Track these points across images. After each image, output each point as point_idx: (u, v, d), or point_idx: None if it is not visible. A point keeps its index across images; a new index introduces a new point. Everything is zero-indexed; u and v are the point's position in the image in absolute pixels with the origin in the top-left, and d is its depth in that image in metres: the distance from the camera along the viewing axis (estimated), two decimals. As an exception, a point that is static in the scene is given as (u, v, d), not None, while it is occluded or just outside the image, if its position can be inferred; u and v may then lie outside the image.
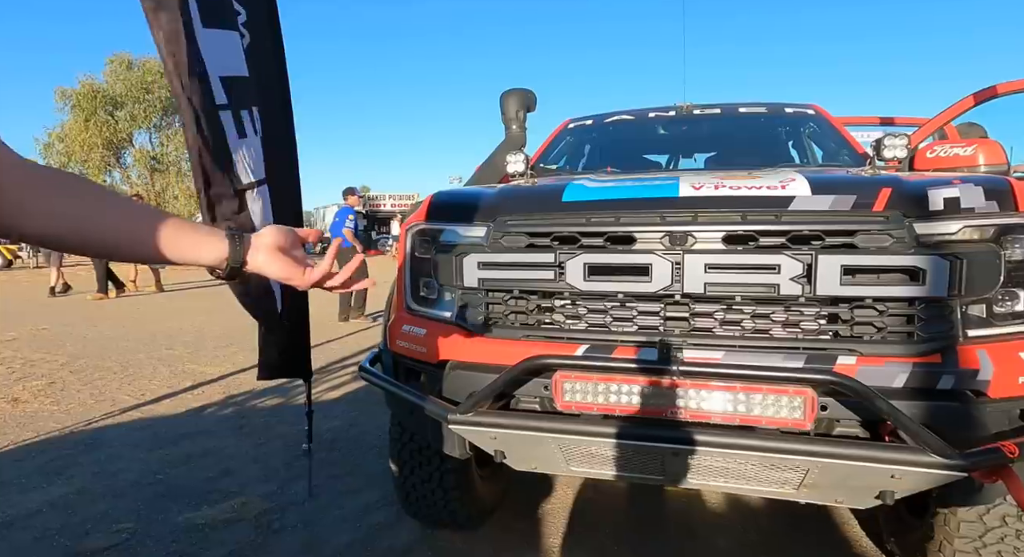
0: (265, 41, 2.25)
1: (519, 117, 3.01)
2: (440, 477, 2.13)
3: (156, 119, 22.13)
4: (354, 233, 7.69)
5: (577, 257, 1.56)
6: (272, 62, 2.31)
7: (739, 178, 1.66)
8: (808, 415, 1.31)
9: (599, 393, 1.45)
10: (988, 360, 1.34)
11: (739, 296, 1.47)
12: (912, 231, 1.40)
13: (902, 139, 2.40)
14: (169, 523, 2.43)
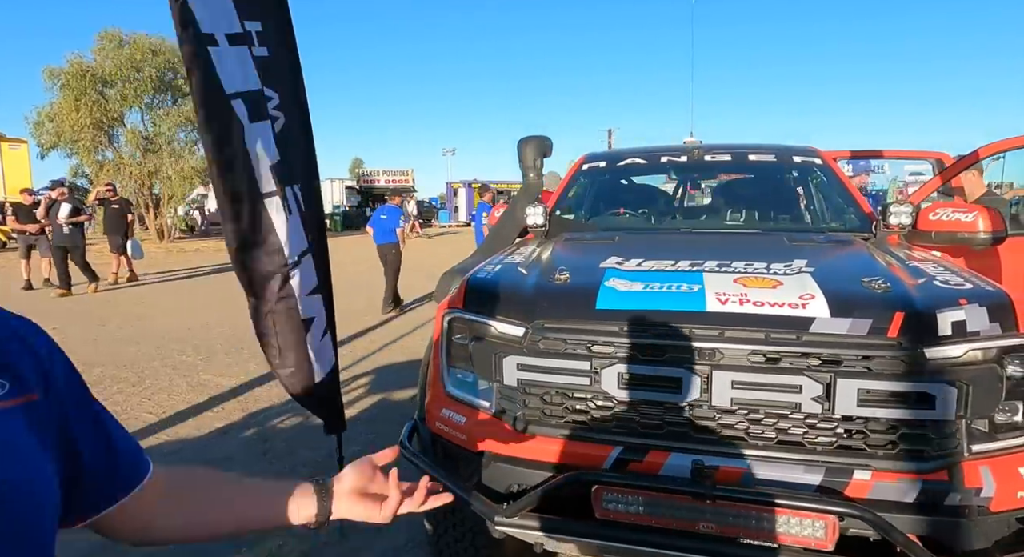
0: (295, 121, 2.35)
1: (536, 166, 3.10)
2: (472, 537, 2.28)
3: (148, 98, 21.77)
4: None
5: (612, 366, 1.68)
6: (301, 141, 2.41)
7: (760, 286, 1.77)
8: (830, 537, 1.46)
9: (635, 505, 1.59)
10: (991, 477, 1.48)
11: (763, 410, 1.60)
12: (923, 356, 1.53)
13: (907, 208, 2.52)
14: (212, 569, 2.59)
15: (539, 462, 1.77)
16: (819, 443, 1.58)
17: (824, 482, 1.52)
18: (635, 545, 1.58)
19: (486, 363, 1.87)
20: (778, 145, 3.39)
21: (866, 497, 1.50)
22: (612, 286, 1.86)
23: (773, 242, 2.43)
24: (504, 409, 1.85)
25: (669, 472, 1.63)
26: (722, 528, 1.54)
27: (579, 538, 1.64)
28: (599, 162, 3.51)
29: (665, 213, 3.55)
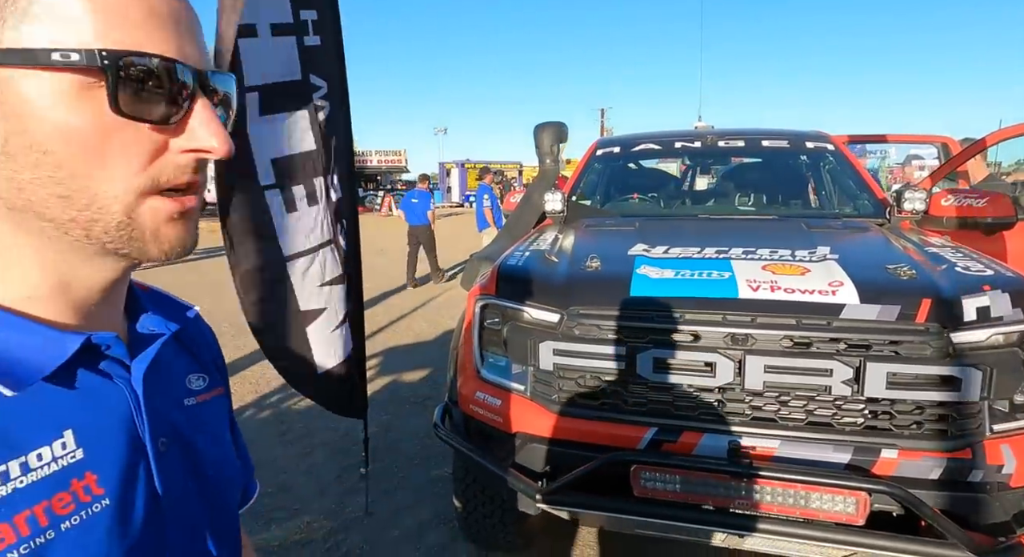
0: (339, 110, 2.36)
1: (553, 151, 3.13)
2: (501, 513, 2.37)
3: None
4: None
5: (647, 351, 1.75)
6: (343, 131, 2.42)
7: (788, 273, 1.83)
8: (861, 512, 1.54)
9: (672, 483, 1.67)
10: (1011, 455, 1.57)
11: (794, 393, 1.68)
12: (949, 340, 1.60)
13: (921, 193, 2.58)
14: (244, 546, 2.66)
15: (574, 443, 1.84)
16: (848, 424, 1.66)
17: (853, 461, 1.61)
18: (674, 521, 1.66)
19: (521, 348, 1.93)
20: (790, 130, 3.43)
21: (892, 474, 1.59)
22: (644, 274, 1.91)
23: (792, 228, 2.49)
24: (539, 392, 1.91)
25: (702, 452, 1.71)
26: (757, 505, 1.62)
27: (619, 515, 1.72)
28: (613, 147, 3.55)
29: (682, 199, 3.60)
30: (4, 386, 0.41)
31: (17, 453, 0.40)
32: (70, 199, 0.41)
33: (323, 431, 3.85)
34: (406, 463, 3.45)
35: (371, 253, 9.82)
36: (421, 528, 2.80)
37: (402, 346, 5.85)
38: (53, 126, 0.40)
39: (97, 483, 0.44)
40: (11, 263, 0.43)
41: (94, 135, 0.41)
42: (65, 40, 0.39)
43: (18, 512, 0.39)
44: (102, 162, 0.41)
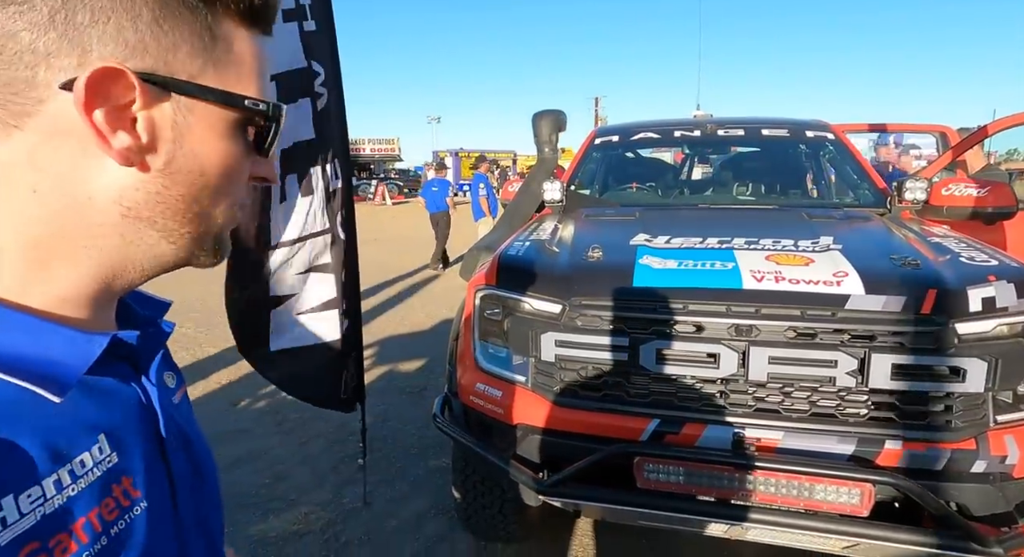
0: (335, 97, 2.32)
1: (552, 140, 3.09)
2: (501, 504, 2.36)
3: None
4: None
5: (650, 342, 1.73)
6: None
7: (792, 263, 1.82)
8: (865, 503, 1.54)
9: (676, 475, 1.66)
10: (1015, 445, 1.57)
11: (798, 384, 1.66)
12: (954, 331, 1.59)
13: (922, 183, 2.57)
14: (242, 536, 2.65)
15: (576, 434, 1.82)
16: (852, 415, 1.65)
17: (857, 452, 1.60)
18: (677, 513, 1.66)
19: (522, 339, 1.91)
20: (790, 119, 3.41)
21: (896, 465, 1.58)
22: (647, 264, 1.89)
23: (794, 218, 2.47)
24: (541, 383, 1.89)
25: (706, 444, 1.70)
26: (761, 496, 1.61)
27: (622, 507, 1.71)
28: (611, 136, 3.51)
29: (681, 188, 3.57)
30: (50, 392, 0.40)
31: (65, 460, 0.40)
32: (199, 215, 0.48)
33: (320, 421, 3.83)
34: (403, 453, 3.44)
35: (366, 242, 9.78)
36: (419, 519, 2.79)
37: (398, 336, 5.82)
38: (218, 155, 0.47)
39: (133, 486, 0.45)
40: (67, 267, 0.44)
41: (239, 165, 0.49)
42: (246, 88, 0.47)
43: (76, 520, 0.39)
44: (233, 186, 0.50)
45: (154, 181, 0.44)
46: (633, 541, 2.62)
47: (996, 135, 3.73)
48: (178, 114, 0.44)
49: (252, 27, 0.48)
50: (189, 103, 0.44)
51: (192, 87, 0.44)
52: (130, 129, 0.42)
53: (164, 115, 0.43)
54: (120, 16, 0.40)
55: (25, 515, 0.36)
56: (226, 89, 0.46)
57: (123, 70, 0.40)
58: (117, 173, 0.43)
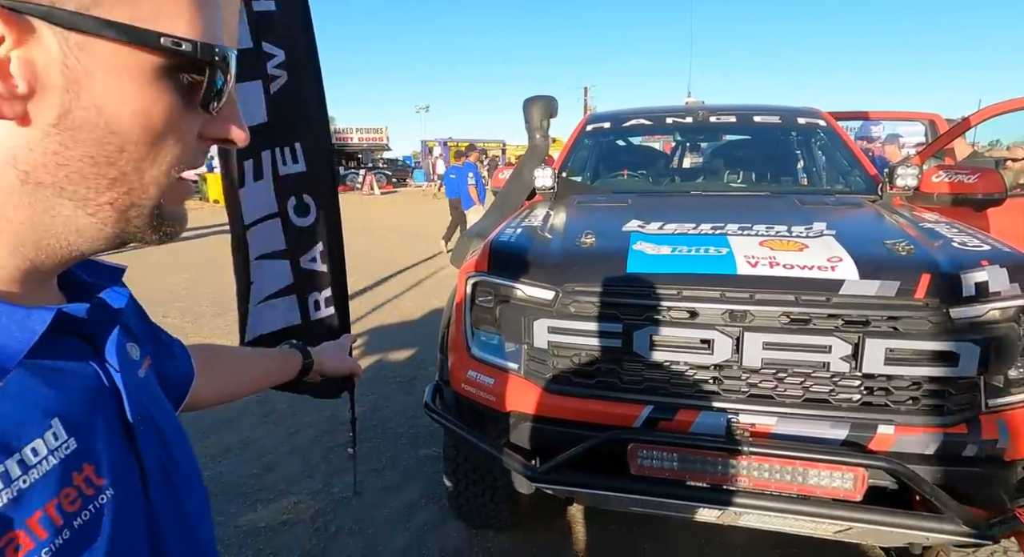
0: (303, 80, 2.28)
1: (543, 126, 3.06)
2: (492, 492, 2.35)
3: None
4: None
5: (644, 329, 1.71)
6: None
7: (786, 249, 1.81)
8: (859, 488, 1.54)
9: (670, 461, 1.65)
10: (1006, 429, 1.57)
11: (792, 370, 1.66)
12: (948, 316, 1.59)
13: (913, 169, 2.57)
14: (232, 526, 2.62)
15: (569, 421, 1.81)
16: (845, 400, 1.65)
17: (850, 437, 1.60)
18: (672, 499, 1.65)
19: (514, 326, 1.88)
20: (782, 106, 3.40)
21: (889, 450, 1.58)
22: (640, 250, 1.87)
23: (786, 204, 2.46)
24: (533, 370, 1.88)
25: (699, 430, 1.69)
26: (755, 481, 1.61)
27: (617, 493, 1.70)
28: (603, 123, 3.48)
29: (673, 175, 3.56)
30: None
31: (12, 450, 0.36)
32: (117, 181, 0.40)
33: (309, 411, 3.80)
34: (394, 443, 3.42)
35: (354, 232, 9.68)
36: (410, 508, 2.78)
37: (388, 326, 5.79)
38: (132, 109, 0.38)
39: (96, 473, 0.41)
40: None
41: (166, 123, 0.40)
42: (172, 27, 0.38)
43: (30, 514, 0.36)
44: (161, 148, 0.41)
45: (49, 139, 0.37)
46: (624, 528, 2.62)
47: (979, 125, 3.75)
48: (69, 56, 0.36)
49: None
50: (82, 41, 0.36)
51: (83, 20, 0.35)
52: (3, 74, 0.35)
53: (49, 57, 0.35)
54: None
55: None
56: (134, 23, 0.36)
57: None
58: (1, 130, 0.37)
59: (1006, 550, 1.92)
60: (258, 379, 0.98)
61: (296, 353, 1.06)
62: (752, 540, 2.53)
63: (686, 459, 1.66)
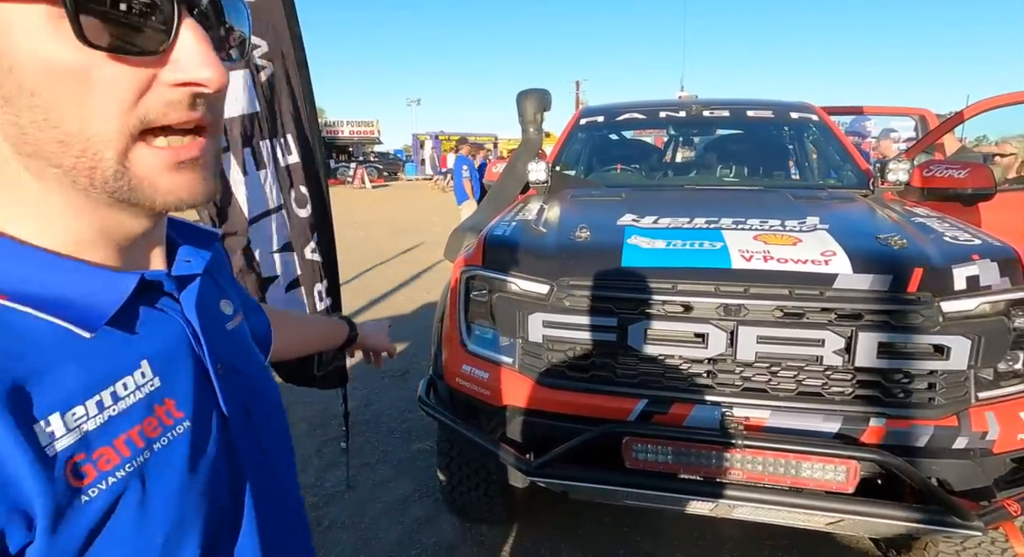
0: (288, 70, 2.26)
1: (537, 120, 3.05)
2: (486, 486, 2.35)
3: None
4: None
5: (639, 322, 1.72)
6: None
7: (780, 243, 1.81)
8: (851, 480, 1.55)
9: (664, 454, 1.65)
10: (995, 422, 1.59)
11: (786, 363, 1.67)
12: (939, 309, 1.60)
13: (905, 164, 2.59)
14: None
15: (564, 415, 1.81)
16: (838, 393, 1.66)
17: (842, 430, 1.61)
18: (666, 492, 1.66)
19: (509, 320, 1.88)
20: (774, 101, 3.41)
21: (881, 442, 1.60)
22: (635, 244, 1.88)
23: (779, 199, 2.47)
24: (528, 364, 1.88)
25: (693, 423, 1.70)
26: (748, 474, 1.62)
27: (611, 487, 1.70)
28: (596, 117, 3.48)
29: (666, 170, 3.56)
30: (81, 328, 0.43)
31: (106, 384, 0.43)
32: (66, 144, 0.40)
33: (301, 406, 3.78)
34: (387, 437, 3.42)
35: (343, 226, 9.64)
36: (404, 502, 2.78)
37: (380, 320, 5.76)
38: (38, 64, 0.37)
39: (176, 407, 0.48)
40: (50, 212, 0.43)
41: (75, 72, 0.38)
42: None
43: (116, 436, 0.43)
44: (86, 101, 0.39)
45: (5, 113, 0.39)
46: (617, 521, 2.64)
47: (968, 120, 3.78)
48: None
49: None
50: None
51: None
52: None
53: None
54: None
55: (71, 430, 0.40)
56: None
57: None
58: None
59: (994, 540, 1.94)
60: (313, 341, 1.08)
61: (344, 324, 1.15)
62: (745, 532, 2.55)
63: (680, 452, 1.66)
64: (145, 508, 0.44)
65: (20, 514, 0.37)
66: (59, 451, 0.40)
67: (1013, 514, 1.50)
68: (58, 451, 0.40)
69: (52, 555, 0.38)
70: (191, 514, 0.47)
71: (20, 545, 0.37)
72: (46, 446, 0.39)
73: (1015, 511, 1.50)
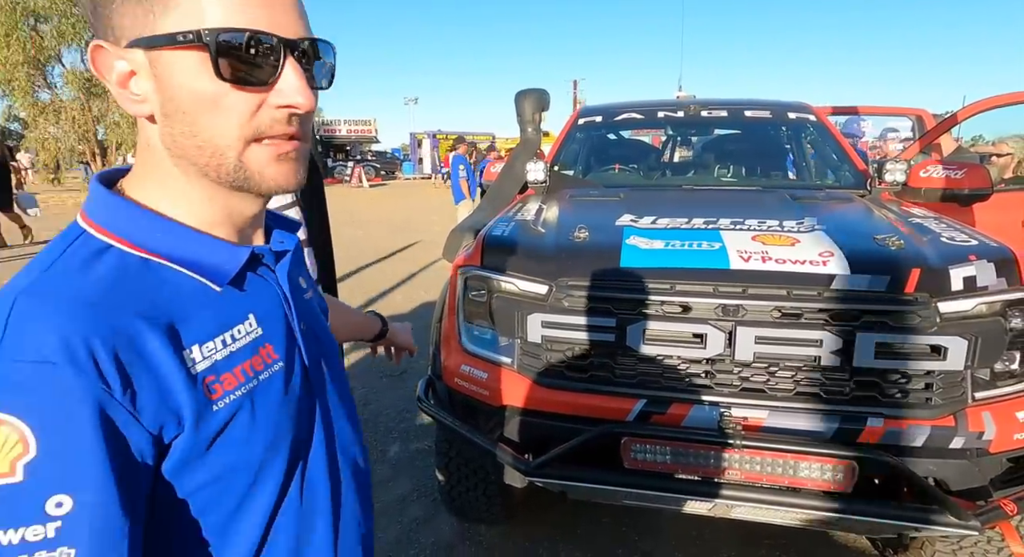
0: None
1: (535, 120, 3.05)
2: (484, 486, 2.35)
3: (88, 35, 20.35)
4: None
5: (637, 323, 1.72)
6: None
7: (778, 244, 1.82)
8: (849, 481, 1.56)
9: (663, 454, 1.66)
10: (992, 422, 1.60)
11: (784, 364, 1.67)
12: (936, 310, 1.61)
13: (902, 165, 2.60)
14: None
15: (563, 415, 1.82)
16: (835, 393, 1.66)
17: (840, 430, 1.62)
18: (664, 492, 1.67)
19: (508, 320, 1.88)
20: (772, 101, 3.41)
21: (878, 442, 1.61)
22: (634, 244, 1.88)
23: (777, 199, 2.47)
24: (527, 365, 1.88)
25: (691, 424, 1.70)
26: (746, 474, 1.63)
27: (610, 487, 1.71)
28: (595, 116, 3.48)
29: (664, 170, 3.57)
30: (214, 283, 0.59)
31: (228, 327, 0.59)
32: (202, 148, 0.56)
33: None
34: (385, 436, 3.42)
35: (341, 224, 9.63)
36: (402, 501, 2.78)
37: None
38: (188, 92, 0.54)
39: (273, 351, 0.63)
40: (190, 198, 0.60)
41: (211, 98, 0.54)
42: (189, 25, 0.52)
43: (235, 366, 0.58)
44: (217, 118, 0.55)
45: (165, 125, 0.56)
46: (616, 520, 2.64)
47: (964, 121, 3.79)
48: (154, 67, 0.54)
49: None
50: (152, 55, 0.53)
51: (144, 40, 0.53)
52: (130, 88, 0.56)
53: (144, 71, 0.55)
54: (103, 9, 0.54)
55: (205, 358, 0.56)
56: (172, 31, 0.52)
57: (99, 45, 0.54)
58: (151, 125, 0.57)
59: (990, 539, 1.95)
60: (352, 328, 1.22)
61: (377, 319, 1.28)
62: (743, 532, 2.56)
63: (679, 452, 1.67)
64: (253, 421, 0.59)
65: (175, 414, 0.53)
66: (198, 372, 0.55)
67: (1009, 513, 1.51)
68: (198, 372, 0.55)
69: (193, 446, 0.54)
70: (282, 435, 0.62)
71: (172, 436, 0.53)
72: (191, 368, 0.54)
73: (1011, 510, 1.51)
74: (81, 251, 0.55)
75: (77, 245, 0.56)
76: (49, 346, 0.47)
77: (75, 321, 0.49)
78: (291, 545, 0.64)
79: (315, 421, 0.68)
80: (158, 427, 0.52)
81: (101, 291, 0.52)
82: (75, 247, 0.55)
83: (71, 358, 0.47)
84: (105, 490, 0.47)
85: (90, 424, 0.47)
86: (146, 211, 0.58)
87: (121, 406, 0.49)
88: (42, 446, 0.45)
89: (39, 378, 0.46)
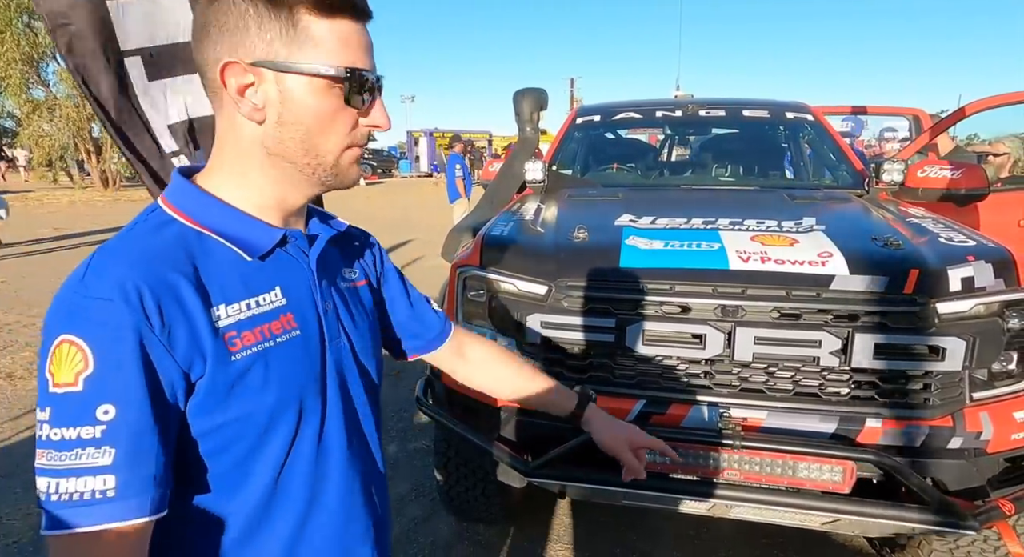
0: None
1: (533, 119, 3.05)
2: (483, 486, 2.35)
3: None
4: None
5: (637, 323, 1.72)
6: None
7: (777, 244, 1.82)
8: (847, 481, 1.56)
9: (662, 455, 1.65)
10: (989, 422, 1.60)
11: (783, 364, 1.68)
12: (935, 311, 1.61)
13: (899, 165, 2.61)
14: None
15: None
16: (834, 394, 1.67)
17: (839, 430, 1.62)
18: (664, 492, 1.67)
19: (507, 320, 1.88)
20: (770, 100, 3.42)
21: (876, 443, 1.61)
22: (633, 244, 1.88)
23: (775, 199, 2.48)
24: (526, 365, 1.87)
25: (690, 424, 1.70)
26: (745, 475, 1.63)
27: (610, 487, 1.71)
28: (593, 116, 3.48)
29: (662, 169, 3.57)
30: (247, 254, 0.71)
31: (254, 294, 0.70)
32: (308, 152, 0.70)
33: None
34: (383, 436, 3.40)
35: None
36: (401, 501, 2.78)
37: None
38: (312, 109, 0.68)
39: (292, 320, 0.73)
40: (250, 187, 0.73)
41: (329, 115, 0.69)
42: (327, 61, 0.67)
43: (257, 325, 0.69)
44: (329, 131, 0.70)
45: (275, 130, 0.69)
46: (614, 519, 2.65)
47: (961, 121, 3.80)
48: (280, 84, 0.67)
49: (327, 16, 0.66)
50: (282, 76, 0.67)
51: (281, 65, 0.66)
52: (248, 97, 0.68)
53: (269, 86, 0.67)
54: (234, 34, 0.66)
55: (230, 316, 0.67)
56: (306, 62, 0.66)
57: (237, 61, 0.66)
58: (255, 126, 0.69)
59: (987, 539, 1.96)
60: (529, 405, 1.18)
61: (573, 399, 1.17)
62: (741, 532, 2.57)
63: (678, 453, 1.67)
64: (266, 374, 0.68)
65: (201, 357, 0.64)
66: (222, 327, 0.66)
67: (1007, 513, 1.51)
68: (221, 326, 0.66)
69: (212, 389, 0.65)
70: (292, 391, 0.71)
71: (198, 375, 0.64)
72: (216, 321, 0.65)
73: (1009, 510, 1.51)
74: (152, 220, 0.70)
75: (152, 217, 0.70)
76: (111, 288, 0.60)
77: (133, 270, 0.62)
78: (305, 494, 0.75)
79: (328, 389, 0.76)
80: (188, 363, 0.63)
81: (158, 251, 0.65)
82: (151, 218, 0.70)
83: (125, 298, 0.60)
84: (142, 404, 0.60)
85: (133, 350, 0.60)
86: (208, 195, 0.72)
87: (159, 340, 0.61)
88: (97, 363, 0.58)
89: (100, 310, 0.60)
